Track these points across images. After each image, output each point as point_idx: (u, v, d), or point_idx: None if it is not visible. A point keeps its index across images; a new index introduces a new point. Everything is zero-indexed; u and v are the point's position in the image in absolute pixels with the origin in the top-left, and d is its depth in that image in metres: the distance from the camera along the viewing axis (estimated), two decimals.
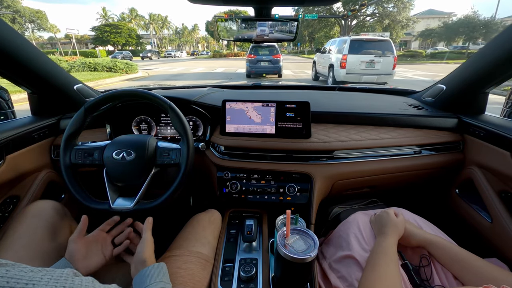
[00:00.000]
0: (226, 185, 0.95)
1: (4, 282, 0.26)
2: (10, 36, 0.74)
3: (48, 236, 0.67)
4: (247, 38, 0.80)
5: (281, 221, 0.76)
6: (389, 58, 6.33)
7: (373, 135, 0.96)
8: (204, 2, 0.80)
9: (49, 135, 0.98)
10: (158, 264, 0.58)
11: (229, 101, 0.94)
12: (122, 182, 0.73)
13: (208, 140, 1.02)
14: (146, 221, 0.68)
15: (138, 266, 0.58)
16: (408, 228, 0.71)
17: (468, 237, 0.92)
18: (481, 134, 0.90)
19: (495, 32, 20.55)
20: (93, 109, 0.76)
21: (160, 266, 0.58)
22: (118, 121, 1.06)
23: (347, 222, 0.81)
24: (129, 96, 0.77)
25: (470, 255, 0.62)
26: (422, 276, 0.65)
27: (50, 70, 0.90)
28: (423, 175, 1.03)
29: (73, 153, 0.73)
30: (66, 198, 1.03)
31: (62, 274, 0.31)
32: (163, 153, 0.74)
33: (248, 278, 0.68)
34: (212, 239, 0.78)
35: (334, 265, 0.72)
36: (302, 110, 0.92)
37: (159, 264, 0.58)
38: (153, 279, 0.53)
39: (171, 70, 14.19)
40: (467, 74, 0.94)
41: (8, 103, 0.95)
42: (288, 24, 0.76)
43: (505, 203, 0.84)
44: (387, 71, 6.44)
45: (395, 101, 1.20)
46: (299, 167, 0.93)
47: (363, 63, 6.40)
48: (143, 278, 0.54)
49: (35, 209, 0.71)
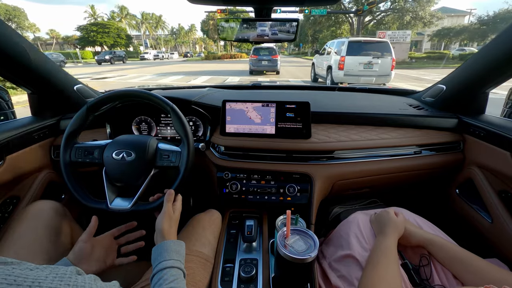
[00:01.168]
0: (226, 185, 0.95)
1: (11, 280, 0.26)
2: (10, 36, 0.74)
3: (48, 236, 0.67)
4: (247, 39, 0.80)
5: (281, 221, 0.76)
6: (387, 60, 6.40)
7: (373, 135, 0.96)
8: (204, 2, 0.80)
9: (49, 135, 0.98)
10: (178, 242, 0.59)
11: (229, 101, 0.94)
12: (121, 182, 0.73)
13: (208, 140, 1.02)
14: (167, 193, 0.67)
15: (157, 237, 0.60)
16: (408, 228, 0.71)
17: (468, 237, 0.92)
18: (481, 134, 0.90)
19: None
20: (95, 108, 0.76)
21: (179, 244, 0.58)
22: (118, 121, 1.06)
23: (347, 222, 0.81)
24: (131, 97, 0.78)
25: (470, 255, 0.62)
26: (422, 275, 0.65)
27: (50, 70, 0.90)
28: (423, 175, 1.03)
29: (73, 151, 0.73)
30: (66, 199, 1.03)
31: (66, 272, 0.32)
32: (163, 155, 0.74)
33: (248, 279, 0.68)
34: (212, 239, 0.78)
35: (334, 265, 0.72)
36: (302, 110, 0.92)
37: (179, 242, 0.59)
38: (171, 255, 0.54)
39: (128, 80, 10.29)
40: (467, 74, 0.94)
41: (8, 103, 0.95)
42: (288, 24, 0.76)
43: (505, 203, 0.84)
44: (385, 72, 6.50)
45: (395, 101, 1.20)
46: (299, 167, 0.93)
47: (361, 64, 6.46)
48: (161, 251, 0.55)
49: (35, 209, 0.71)
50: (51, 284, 0.28)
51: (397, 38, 17.63)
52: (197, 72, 13.61)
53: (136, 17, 53.16)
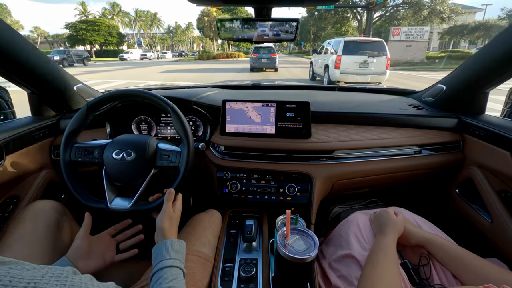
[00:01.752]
0: (226, 185, 0.95)
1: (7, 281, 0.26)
2: (10, 36, 0.74)
3: (48, 236, 0.67)
4: (247, 38, 0.80)
5: (281, 221, 0.76)
6: (382, 58, 6.62)
7: (373, 135, 0.96)
8: (204, 2, 0.80)
9: (49, 135, 0.98)
10: (178, 241, 0.59)
11: (229, 101, 0.94)
12: (120, 182, 0.73)
13: (208, 140, 1.02)
14: (167, 192, 0.67)
15: (158, 236, 0.60)
16: (407, 227, 0.71)
17: (468, 236, 0.92)
18: (481, 134, 0.90)
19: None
20: (95, 107, 0.76)
21: (180, 243, 0.59)
22: (118, 121, 1.06)
23: (347, 222, 0.81)
24: (132, 96, 0.78)
25: (469, 254, 0.62)
26: (422, 275, 0.65)
27: (50, 70, 0.90)
28: (423, 175, 1.03)
29: (73, 151, 0.73)
30: (66, 198, 1.03)
31: (63, 272, 0.32)
32: (163, 155, 0.73)
33: (248, 278, 0.68)
34: (212, 239, 0.78)
35: (334, 265, 0.72)
36: (302, 110, 0.92)
37: (179, 241, 0.59)
38: (171, 255, 0.54)
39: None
40: (467, 74, 0.94)
41: (8, 103, 0.95)
42: (288, 24, 0.76)
43: (505, 203, 0.84)
44: (381, 70, 6.71)
45: (395, 101, 1.20)
46: (299, 167, 0.93)
47: (356, 63, 6.68)
48: (162, 250, 0.55)
49: (35, 209, 0.71)
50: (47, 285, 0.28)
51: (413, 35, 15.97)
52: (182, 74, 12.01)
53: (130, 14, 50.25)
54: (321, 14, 23.23)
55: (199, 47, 70.90)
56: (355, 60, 6.67)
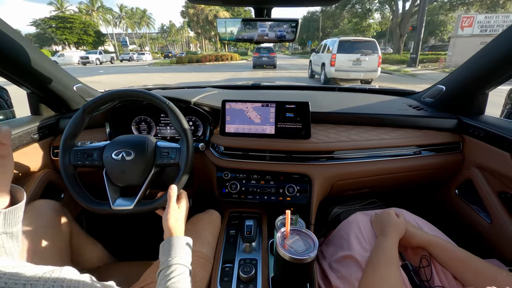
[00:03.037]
0: (225, 185, 0.95)
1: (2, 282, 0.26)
2: (10, 35, 0.73)
3: (47, 235, 0.67)
4: (247, 39, 0.79)
5: (280, 221, 0.76)
6: (374, 57, 7.20)
7: (372, 136, 0.96)
8: (204, 2, 0.80)
9: (49, 135, 0.98)
10: (185, 238, 0.59)
11: (229, 101, 0.94)
12: (122, 182, 0.73)
13: (208, 140, 1.01)
14: (170, 189, 0.66)
15: (165, 232, 0.60)
16: (408, 229, 0.71)
17: (468, 237, 0.92)
18: (481, 135, 0.90)
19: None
20: (92, 109, 0.75)
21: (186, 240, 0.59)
22: (118, 121, 1.05)
23: (347, 222, 0.81)
24: (127, 96, 0.77)
25: (469, 255, 0.62)
26: (422, 276, 0.65)
27: (49, 70, 0.90)
28: (422, 175, 1.03)
29: (72, 154, 0.72)
30: (66, 198, 1.03)
31: (60, 273, 0.31)
32: (163, 152, 0.73)
33: (247, 279, 0.68)
34: (212, 239, 0.78)
35: (334, 265, 0.72)
36: (301, 110, 0.92)
37: (186, 238, 0.60)
38: (177, 252, 0.55)
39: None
40: (466, 74, 0.94)
41: (7, 102, 0.95)
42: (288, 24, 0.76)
43: (504, 204, 0.84)
44: (373, 68, 7.28)
45: (395, 101, 1.20)
46: (298, 167, 0.93)
47: (350, 61, 7.23)
48: (168, 247, 0.56)
49: (35, 208, 0.71)
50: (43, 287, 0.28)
51: (492, 26, 11.16)
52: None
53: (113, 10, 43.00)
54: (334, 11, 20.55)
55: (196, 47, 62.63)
56: (349, 58, 7.19)
